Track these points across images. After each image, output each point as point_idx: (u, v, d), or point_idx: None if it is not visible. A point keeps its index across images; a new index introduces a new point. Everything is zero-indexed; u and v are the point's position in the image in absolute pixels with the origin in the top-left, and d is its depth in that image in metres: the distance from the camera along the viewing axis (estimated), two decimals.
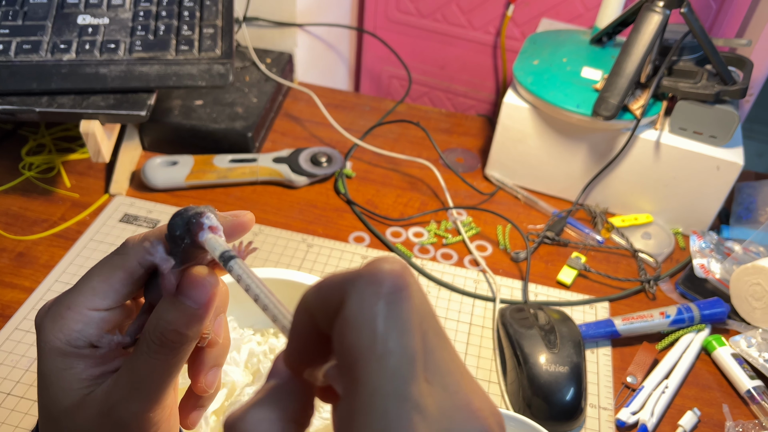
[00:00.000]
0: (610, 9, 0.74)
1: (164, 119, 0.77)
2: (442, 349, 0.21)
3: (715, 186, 0.68)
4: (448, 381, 0.21)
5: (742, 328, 0.61)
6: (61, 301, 0.31)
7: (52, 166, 0.75)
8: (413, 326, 0.20)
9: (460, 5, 1.01)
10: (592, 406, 0.55)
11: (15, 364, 0.54)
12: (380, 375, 0.19)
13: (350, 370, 0.19)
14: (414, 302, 0.20)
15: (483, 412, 0.20)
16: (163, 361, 0.29)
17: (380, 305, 0.19)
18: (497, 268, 0.67)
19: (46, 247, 0.65)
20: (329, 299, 0.21)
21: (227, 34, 0.68)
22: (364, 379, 0.19)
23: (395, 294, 0.20)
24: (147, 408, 0.30)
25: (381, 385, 0.19)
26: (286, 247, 0.67)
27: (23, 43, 0.64)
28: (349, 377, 0.19)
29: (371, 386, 0.19)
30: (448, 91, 1.12)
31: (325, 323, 0.21)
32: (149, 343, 0.29)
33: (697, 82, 0.65)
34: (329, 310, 0.21)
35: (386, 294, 0.20)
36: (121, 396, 0.29)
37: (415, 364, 0.19)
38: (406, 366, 0.19)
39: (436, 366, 0.21)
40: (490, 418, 0.21)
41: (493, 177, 0.78)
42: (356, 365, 0.19)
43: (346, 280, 0.20)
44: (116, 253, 0.31)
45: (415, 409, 0.19)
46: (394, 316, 0.19)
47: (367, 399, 0.19)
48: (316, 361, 0.23)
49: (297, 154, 0.76)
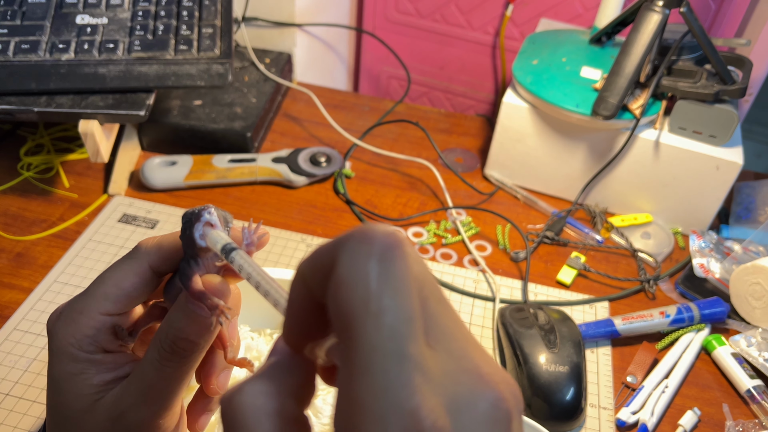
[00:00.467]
0: (609, 9, 0.74)
1: (163, 119, 0.77)
2: (446, 316, 0.20)
3: (714, 185, 0.68)
4: (453, 346, 0.19)
5: (741, 328, 0.61)
6: (73, 305, 0.31)
7: (51, 167, 0.75)
8: (409, 285, 0.19)
9: (459, 5, 1.01)
10: (592, 406, 0.55)
11: (13, 365, 0.54)
12: (377, 333, 0.18)
13: (346, 331, 0.18)
14: (409, 263, 0.19)
15: (493, 377, 0.19)
16: (174, 369, 0.29)
17: (372, 263, 0.19)
18: (497, 267, 0.67)
19: (45, 248, 0.65)
20: (321, 264, 0.20)
21: (226, 34, 0.68)
22: (361, 339, 0.18)
23: (388, 252, 0.19)
24: (157, 415, 0.30)
25: (378, 343, 0.18)
26: (285, 247, 0.67)
27: (22, 43, 0.64)
28: (345, 339, 0.19)
29: (368, 345, 0.18)
30: (447, 91, 1.12)
31: (320, 291, 0.20)
32: (160, 350, 0.29)
33: (696, 81, 0.65)
34: (322, 275, 0.20)
35: (379, 252, 0.19)
36: (131, 402, 0.29)
37: (414, 324, 0.18)
38: (403, 324, 0.18)
39: (439, 331, 0.19)
40: (502, 385, 0.19)
41: (493, 177, 0.78)
42: (351, 325, 0.18)
43: (337, 242, 0.20)
44: (129, 257, 0.31)
45: (417, 369, 0.18)
46: (387, 273, 0.18)
47: (365, 359, 0.18)
48: (316, 336, 0.22)
49: (296, 154, 0.76)
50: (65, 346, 0.30)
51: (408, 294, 0.19)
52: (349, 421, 0.18)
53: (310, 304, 0.21)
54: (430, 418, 0.17)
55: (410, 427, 0.17)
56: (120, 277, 0.31)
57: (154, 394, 0.29)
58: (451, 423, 0.18)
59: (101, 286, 0.30)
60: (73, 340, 0.30)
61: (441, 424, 0.17)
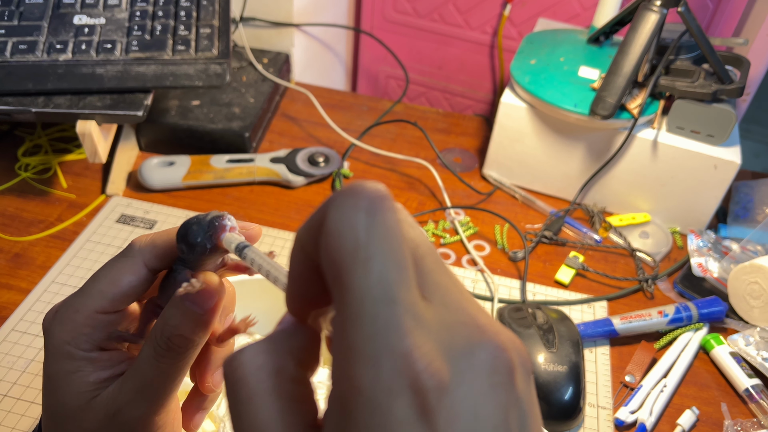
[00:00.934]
0: (607, 8, 0.75)
1: (161, 119, 0.77)
2: (442, 273, 0.20)
3: (712, 185, 0.68)
4: (448, 299, 0.19)
5: (740, 327, 0.61)
6: (68, 304, 0.31)
7: (49, 167, 0.75)
8: (398, 235, 0.19)
9: (457, 5, 1.01)
10: (591, 406, 0.55)
11: (11, 366, 0.54)
12: (366, 278, 0.18)
13: (336, 280, 0.18)
14: (400, 218, 0.19)
15: (492, 327, 0.19)
16: (169, 365, 0.29)
17: (360, 214, 0.18)
18: (495, 267, 0.67)
19: (43, 248, 0.65)
20: (314, 224, 0.20)
21: (224, 34, 0.68)
22: (350, 286, 0.18)
23: (376, 204, 0.19)
24: (152, 411, 0.30)
25: (368, 288, 0.18)
26: (283, 248, 0.67)
27: (19, 44, 0.64)
28: (336, 289, 0.18)
29: (359, 292, 0.18)
30: (445, 91, 1.12)
31: (315, 252, 0.20)
32: (155, 347, 0.29)
33: (694, 81, 0.66)
34: (315, 233, 0.20)
35: (366, 204, 0.19)
36: (127, 399, 0.29)
37: (404, 272, 0.18)
38: (393, 270, 0.18)
39: (434, 285, 0.19)
40: (502, 335, 0.19)
41: (491, 177, 0.78)
42: (341, 274, 0.18)
43: (327, 200, 0.20)
44: (123, 255, 0.31)
45: (409, 314, 0.18)
46: (375, 223, 0.18)
47: (356, 306, 0.18)
48: (318, 302, 0.22)
49: (294, 154, 0.76)
50: (61, 344, 0.30)
51: (397, 243, 0.19)
52: (343, 368, 0.18)
53: (308, 268, 0.21)
54: (424, 360, 0.17)
55: (403, 369, 0.17)
56: (115, 275, 0.31)
57: (151, 390, 0.30)
58: (448, 369, 0.17)
59: (96, 284, 0.31)
60: (69, 338, 0.30)
61: (436, 366, 0.17)
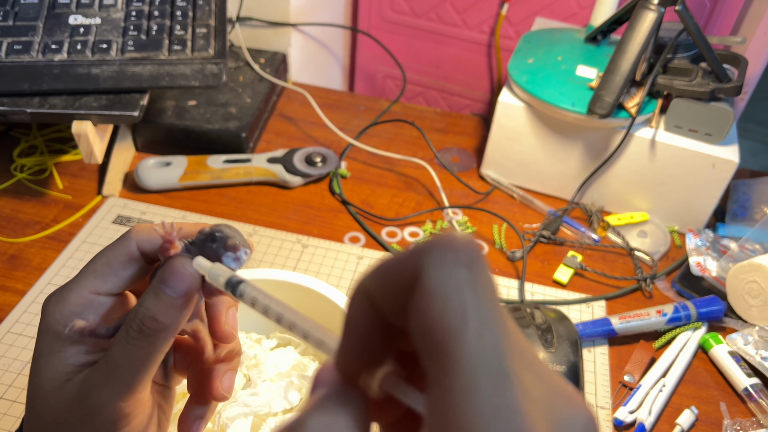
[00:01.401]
0: (604, 7, 0.74)
1: (157, 120, 0.76)
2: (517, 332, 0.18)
3: (710, 184, 0.68)
4: (536, 366, 0.18)
5: (738, 326, 0.61)
6: (66, 285, 0.31)
7: (45, 168, 0.74)
8: (498, 297, 0.17)
9: (454, 4, 1.01)
10: (590, 405, 0.55)
11: (7, 368, 0.54)
12: (480, 349, 0.16)
13: (440, 348, 0.17)
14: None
15: (579, 398, 0.18)
16: (139, 348, 0.29)
17: (463, 271, 0.17)
18: (493, 267, 0.67)
19: (39, 249, 0.65)
20: (398, 276, 0.18)
21: (220, 33, 0.68)
22: (462, 357, 0.16)
23: (476, 261, 0.17)
24: (118, 396, 0.29)
25: (483, 361, 0.16)
26: (280, 248, 0.67)
27: (14, 44, 0.63)
28: (438, 358, 0.17)
29: (472, 363, 0.16)
30: (443, 90, 1.12)
31: (392, 307, 0.19)
32: (128, 329, 0.29)
33: (692, 79, 0.65)
34: (400, 288, 0.18)
35: (466, 261, 0.17)
36: (95, 384, 0.30)
37: (510, 338, 0.17)
38: (504, 340, 0.17)
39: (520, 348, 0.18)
40: (586, 403, 0.18)
41: (489, 176, 0.77)
42: (448, 341, 0.16)
43: (419, 250, 0.18)
44: (119, 239, 0.32)
45: (521, 389, 0.16)
46: (480, 284, 0.17)
47: (469, 379, 0.16)
48: (379, 360, 0.20)
49: (291, 154, 0.76)
50: (52, 323, 0.30)
51: (500, 306, 0.17)
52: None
53: (375, 324, 0.19)
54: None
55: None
56: (109, 255, 0.31)
57: (118, 374, 0.29)
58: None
59: (91, 265, 0.31)
60: (60, 317, 0.30)
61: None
